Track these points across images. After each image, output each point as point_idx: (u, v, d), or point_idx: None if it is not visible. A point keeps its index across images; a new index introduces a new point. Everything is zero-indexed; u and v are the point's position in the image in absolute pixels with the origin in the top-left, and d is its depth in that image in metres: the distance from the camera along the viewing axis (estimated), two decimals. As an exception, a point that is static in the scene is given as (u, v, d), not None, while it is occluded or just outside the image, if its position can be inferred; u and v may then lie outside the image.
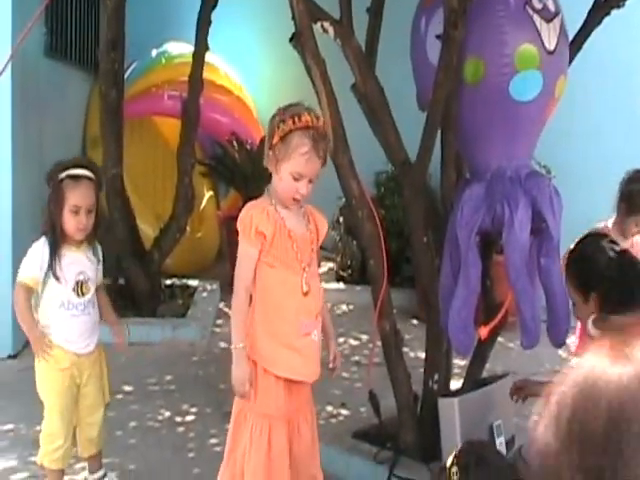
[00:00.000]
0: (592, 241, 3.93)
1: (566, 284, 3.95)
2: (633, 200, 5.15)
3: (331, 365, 3.92)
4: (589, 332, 3.72)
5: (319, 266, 4.01)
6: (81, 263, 4.25)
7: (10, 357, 6.70)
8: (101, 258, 4.41)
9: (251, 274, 3.68)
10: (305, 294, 3.70)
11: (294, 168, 3.59)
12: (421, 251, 4.68)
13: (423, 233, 4.64)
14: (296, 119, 3.59)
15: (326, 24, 4.38)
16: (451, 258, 4.44)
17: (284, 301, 3.70)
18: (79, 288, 4.22)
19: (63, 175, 4.15)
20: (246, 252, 3.68)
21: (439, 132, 4.53)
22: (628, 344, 1.39)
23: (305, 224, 3.80)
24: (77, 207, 4.13)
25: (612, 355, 1.36)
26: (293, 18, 4.31)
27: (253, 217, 3.64)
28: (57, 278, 4.15)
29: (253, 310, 3.74)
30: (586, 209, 5.87)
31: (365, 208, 4.49)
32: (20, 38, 5.46)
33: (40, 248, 4.17)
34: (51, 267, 4.13)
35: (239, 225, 3.68)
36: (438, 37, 4.18)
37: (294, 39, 4.25)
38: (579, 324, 4.57)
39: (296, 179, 3.61)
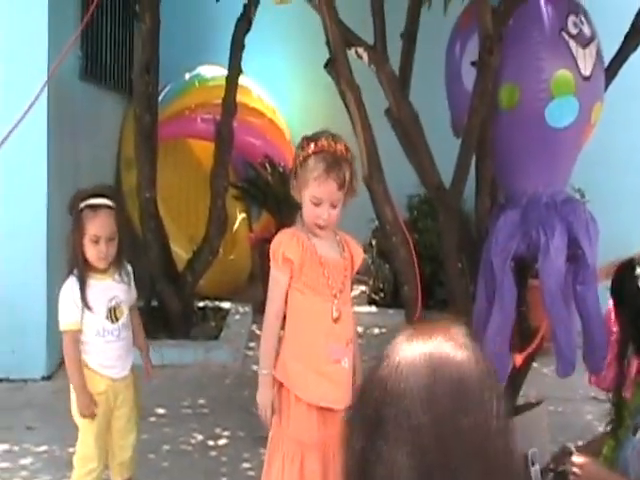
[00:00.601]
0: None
1: None
2: None
3: None
4: None
5: (351, 290, 3.98)
6: (111, 288, 4.22)
7: (44, 378, 6.70)
8: (132, 278, 4.38)
9: (281, 300, 3.69)
10: (335, 320, 3.68)
11: (311, 193, 3.62)
12: (455, 277, 4.65)
13: (457, 259, 4.61)
14: (312, 145, 3.63)
15: (360, 50, 4.37)
16: (486, 284, 4.40)
17: (313, 327, 3.70)
18: (112, 314, 4.19)
19: (82, 205, 4.12)
20: (276, 278, 3.70)
21: (474, 157, 4.50)
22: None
23: (339, 251, 3.79)
24: (97, 237, 4.09)
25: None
26: (327, 44, 4.30)
27: (282, 243, 3.67)
28: (89, 309, 4.12)
29: (285, 335, 3.74)
30: (621, 234, 5.82)
31: (399, 234, 4.47)
32: (56, 62, 5.51)
33: (70, 287, 4.14)
34: (83, 300, 4.10)
35: (271, 252, 3.69)
36: (473, 64, 4.15)
37: (328, 65, 4.24)
38: None
39: (315, 204, 3.62)
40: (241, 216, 9.96)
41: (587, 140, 4.52)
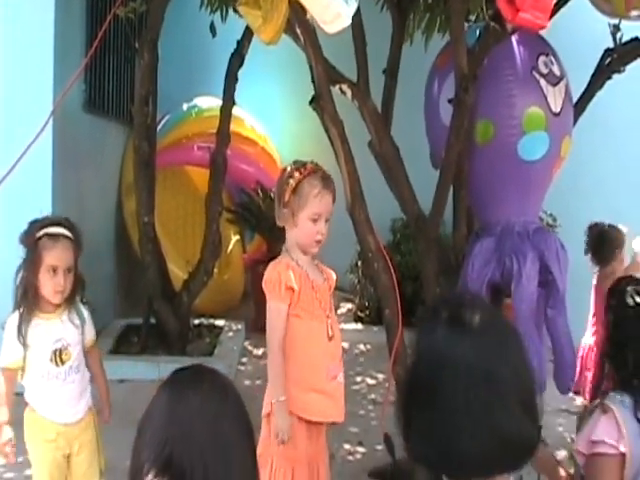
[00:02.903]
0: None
1: None
2: None
3: None
4: None
5: (337, 308, 3.98)
6: (57, 330, 3.71)
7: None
8: (87, 318, 3.85)
9: (283, 329, 3.63)
10: (330, 339, 3.69)
11: (312, 210, 3.60)
12: (434, 300, 4.63)
13: (436, 284, 4.60)
14: (302, 169, 3.64)
15: (344, 87, 4.36)
16: (462, 308, 4.39)
17: (311, 349, 3.68)
18: (57, 357, 3.68)
19: (40, 233, 3.65)
20: (277, 308, 3.62)
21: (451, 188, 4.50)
22: None
23: (320, 275, 3.78)
24: (55, 267, 3.62)
25: None
26: (313, 81, 4.29)
27: (281, 274, 3.61)
28: (30, 347, 3.63)
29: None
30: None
31: (381, 261, 4.45)
32: (61, 94, 5.49)
33: (15, 323, 3.64)
34: (22, 337, 3.61)
35: (266, 285, 3.63)
36: (450, 101, 4.16)
37: (314, 102, 4.23)
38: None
39: (315, 220, 3.61)
40: (235, 238, 9.95)
41: (557, 172, 4.53)
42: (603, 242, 5.45)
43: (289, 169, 3.69)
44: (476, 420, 1.73)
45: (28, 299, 3.66)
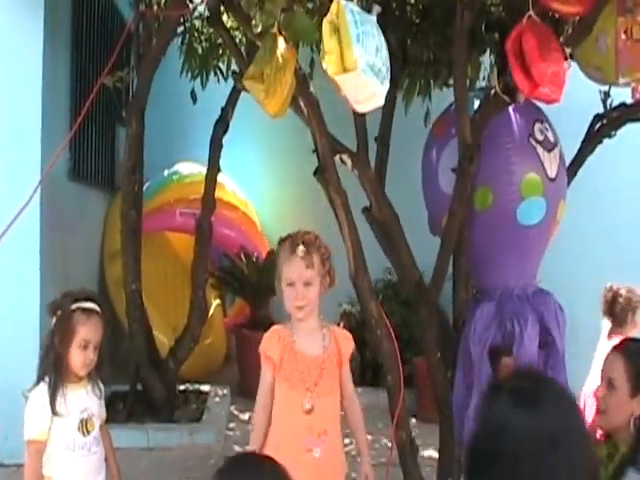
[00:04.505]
0: None
1: (614, 369, 3.68)
2: None
3: None
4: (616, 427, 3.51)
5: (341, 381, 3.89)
6: (84, 399, 3.75)
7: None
8: (102, 392, 3.91)
9: (267, 395, 3.71)
10: (307, 412, 3.64)
11: (285, 276, 3.66)
12: (435, 366, 4.63)
13: (437, 349, 4.59)
14: (282, 241, 3.73)
15: (345, 157, 4.37)
16: (464, 371, 4.41)
17: (287, 418, 3.69)
18: (84, 426, 3.72)
19: (74, 307, 3.68)
20: (263, 373, 3.73)
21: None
22: None
23: (323, 345, 3.75)
24: (87, 342, 3.66)
25: None
26: (315, 151, 4.30)
27: (265, 342, 3.72)
28: (60, 416, 3.63)
29: (270, 425, 3.74)
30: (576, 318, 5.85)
31: (383, 327, 4.44)
32: (49, 164, 5.51)
33: (41, 394, 3.65)
34: (53, 406, 3.62)
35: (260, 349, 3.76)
36: (454, 170, 4.18)
37: (318, 173, 4.24)
38: None
39: (290, 285, 3.64)
40: (216, 302, 9.88)
41: (553, 235, 4.57)
42: (617, 304, 5.46)
43: (282, 238, 3.78)
44: None
45: (58, 370, 3.67)
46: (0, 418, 6.35)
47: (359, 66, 2.92)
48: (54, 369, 3.67)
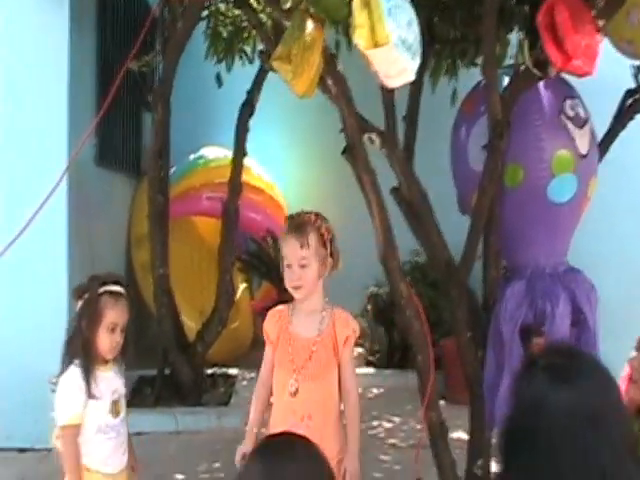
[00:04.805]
0: None
1: None
2: None
3: None
4: None
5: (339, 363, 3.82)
6: (113, 381, 3.75)
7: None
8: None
9: (266, 373, 3.77)
10: (292, 394, 3.63)
11: (283, 255, 3.72)
12: (466, 346, 4.58)
13: (467, 329, 4.55)
14: (284, 220, 3.85)
15: (373, 136, 4.33)
16: (495, 350, 4.38)
17: (277, 398, 3.73)
18: (114, 408, 3.72)
19: (102, 290, 3.65)
20: (265, 352, 3.80)
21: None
22: None
23: (319, 328, 3.70)
24: (115, 325, 3.64)
25: None
26: (342, 131, 4.26)
27: (266, 321, 3.80)
28: (95, 399, 3.63)
29: None
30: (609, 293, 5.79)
31: (412, 308, 4.40)
32: (77, 149, 5.52)
33: (74, 378, 3.63)
34: (89, 389, 3.60)
35: None
36: (484, 147, 4.14)
37: (346, 152, 4.20)
38: None
39: (287, 266, 3.66)
40: (243, 286, 9.88)
41: (584, 212, 4.52)
42: None
43: None
44: (582, 463, 1.71)
45: (88, 353, 3.64)
46: (31, 403, 6.39)
47: (391, 40, 2.88)
48: (83, 353, 3.64)
